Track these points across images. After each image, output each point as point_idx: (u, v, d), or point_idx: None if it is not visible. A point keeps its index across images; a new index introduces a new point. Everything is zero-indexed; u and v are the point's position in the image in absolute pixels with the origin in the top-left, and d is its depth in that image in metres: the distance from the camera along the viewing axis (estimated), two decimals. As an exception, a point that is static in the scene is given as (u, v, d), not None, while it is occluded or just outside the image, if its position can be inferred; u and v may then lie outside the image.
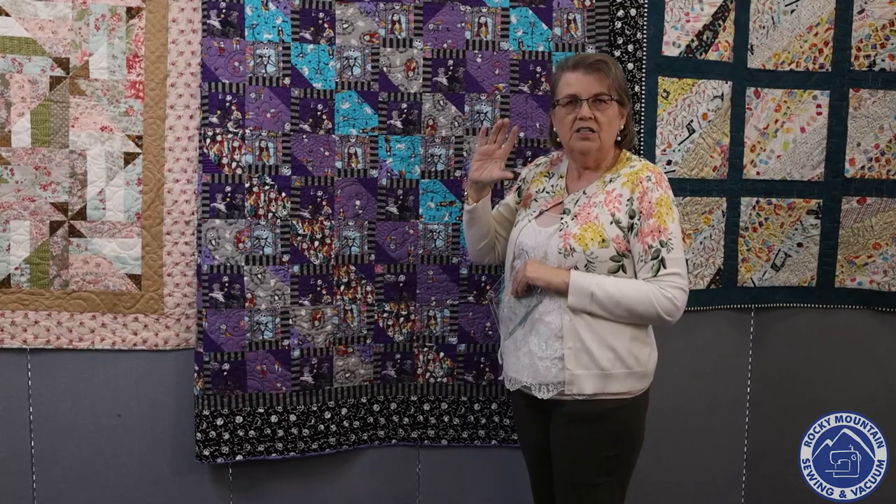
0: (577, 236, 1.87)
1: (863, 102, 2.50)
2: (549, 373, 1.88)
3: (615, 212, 1.88)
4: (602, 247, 1.86)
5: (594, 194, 1.93)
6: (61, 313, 2.29)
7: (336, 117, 2.33)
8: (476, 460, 2.52)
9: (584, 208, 1.91)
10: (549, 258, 1.90)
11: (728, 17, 2.43)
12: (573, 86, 1.90)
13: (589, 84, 1.89)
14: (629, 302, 1.82)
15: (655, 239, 1.85)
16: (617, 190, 1.90)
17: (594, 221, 1.88)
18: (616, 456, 1.89)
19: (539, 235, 1.95)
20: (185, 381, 2.35)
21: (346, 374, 2.41)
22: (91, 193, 2.27)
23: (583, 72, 1.90)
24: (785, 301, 2.59)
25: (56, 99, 2.23)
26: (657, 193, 1.86)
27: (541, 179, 2.10)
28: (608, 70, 1.90)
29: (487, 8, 2.36)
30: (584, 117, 1.88)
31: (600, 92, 1.89)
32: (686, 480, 2.62)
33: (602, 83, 1.89)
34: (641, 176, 1.88)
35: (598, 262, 1.86)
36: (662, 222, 1.85)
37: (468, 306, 2.43)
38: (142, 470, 2.37)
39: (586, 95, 1.89)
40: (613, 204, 1.89)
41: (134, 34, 2.25)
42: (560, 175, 2.06)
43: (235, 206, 2.29)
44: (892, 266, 2.55)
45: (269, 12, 2.27)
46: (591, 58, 1.93)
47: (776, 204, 2.53)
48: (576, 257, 1.86)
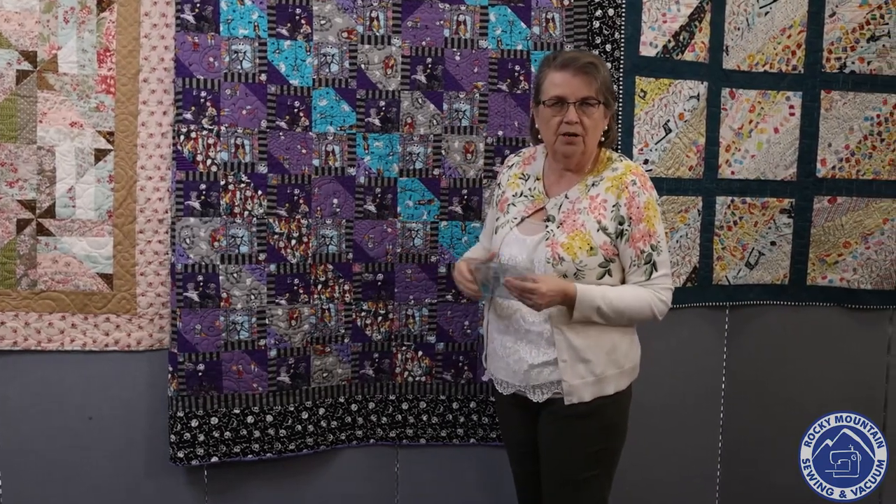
0: (564, 245, 1.88)
1: (834, 104, 2.59)
2: (542, 376, 1.92)
3: (601, 219, 1.88)
4: (591, 255, 1.88)
5: (577, 199, 1.93)
6: (29, 314, 2.26)
7: (313, 115, 2.34)
8: (454, 459, 2.55)
9: (569, 215, 1.91)
10: (537, 268, 1.90)
11: (704, 18, 2.49)
12: (560, 87, 1.87)
13: (577, 87, 1.86)
14: (631, 311, 1.88)
15: (647, 243, 1.88)
16: (601, 195, 1.90)
17: (581, 229, 1.88)
18: (604, 449, 1.95)
19: (524, 245, 1.94)
20: (158, 383, 2.33)
21: (324, 373, 2.42)
22: (60, 191, 2.24)
23: (571, 73, 1.87)
24: (758, 299, 2.67)
25: (23, 93, 2.19)
26: (644, 197, 1.89)
27: (516, 182, 2.06)
28: (597, 73, 1.88)
29: (466, 6, 2.38)
30: (571, 121, 1.86)
31: (588, 96, 1.86)
32: (661, 476, 2.69)
33: (590, 86, 1.87)
34: (626, 181, 1.89)
35: (586, 270, 1.88)
36: (651, 226, 1.89)
37: (446, 305, 2.46)
38: (114, 473, 2.35)
39: (574, 99, 1.86)
40: (599, 210, 1.89)
41: (105, 28, 2.22)
42: (536, 176, 2.03)
43: (210, 203, 2.28)
44: (861, 264, 2.65)
45: (244, 7, 2.26)
46: (581, 59, 1.89)
47: (750, 203, 2.60)
48: (565, 266, 1.87)
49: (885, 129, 2.60)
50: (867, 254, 2.64)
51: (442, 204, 2.43)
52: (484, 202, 2.43)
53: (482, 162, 2.42)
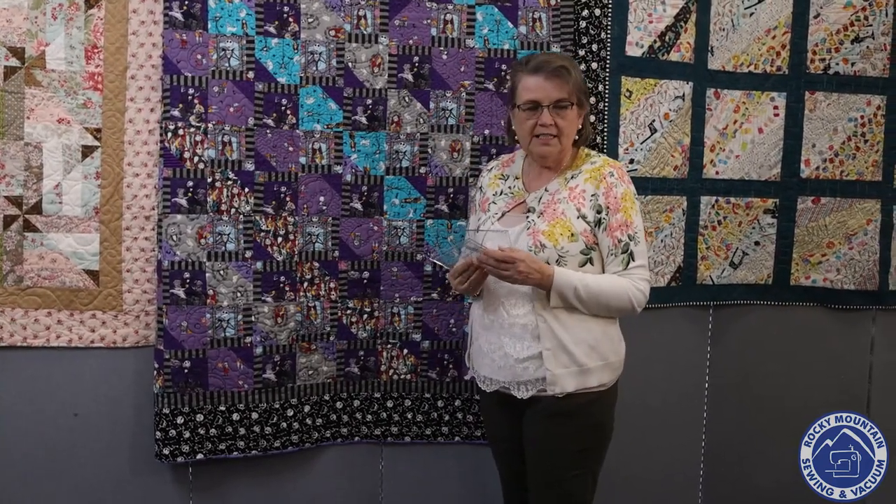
0: (546, 232, 1.98)
1: (818, 105, 2.68)
2: (527, 372, 2.00)
3: (580, 207, 1.99)
4: (572, 241, 1.98)
5: (557, 191, 2.04)
6: (15, 310, 2.32)
7: (300, 112, 2.41)
8: (439, 457, 2.62)
9: (550, 205, 2.02)
10: None
11: (690, 18, 2.58)
12: (533, 91, 1.99)
13: (549, 90, 1.97)
14: (608, 297, 1.97)
15: (624, 233, 1.98)
16: (580, 186, 2.01)
17: (561, 217, 1.99)
18: (590, 448, 2.02)
19: (505, 237, 2.01)
20: (144, 380, 2.40)
21: (310, 371, 2.50)
22: (47, 187, 2.31)
23: (543, 77, 1.98)
24: (742, 298, 2.76)
25: (10, 89, 2.26)
26: (621, 188, 2.00)
27: (496, 182, 2.18)
28: (569, 75, 1.98)
29: (453, 5, 2.46)
30: (546, 124, 1.98)
31: (561, 98, 1.98)
32: (645, 475, 2.77)
33: (562, 89, 1.98)
34: (604, 171, 2.01)
35: (568, 257, 1.97)
36: (629, 216, 1.99)
37: (432, 303, 2.54)
38: (100, 470, 2.41)
39: (547, 102, 1.97)
40: (578, 199, 2.00)
41: (93, 24, 2.29)
42: (515, 176, 2.15)
43: (197, 201, 2.35)
44: (844, 264, 2.74)
45: (232, 5, 2.33)
46: (552, 63, 1.99)
47: (734, 203, 2.69)
48: (546, 253, 1.97)
49: (868, 130, 2.70)
50: (850, 254, 2.74)
51: (428, 202, 2.50)
52: (470, 201, 2.51)
53: (468, 160, 2.51)
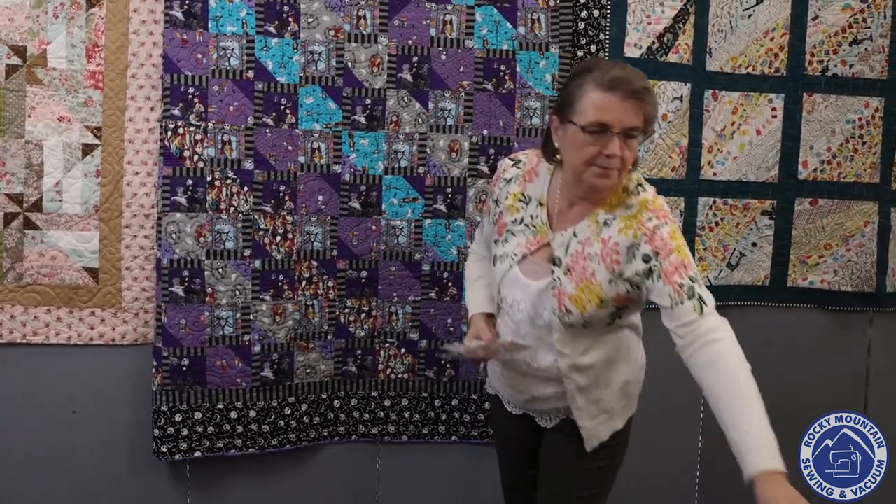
0: (573, 297, 1.78)
1: (816, 106, 2.72)
2: (548, 404, 1.93)
3: (614, 267, 1.75)
4: (600, 308, 1.78)
5: (587, 240, 1.78)
6: (15, 307, 2.37)
7: (300, 112, 2.46)
8: (436, 456, 2.66)
9: (578, 260, 1.78)
10: (544, 317, 1.83)
11: (688, 20, 2.62)
12: (606, 112, 1.67)
13: (626, 114, 1.67)
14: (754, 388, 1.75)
15: (684, 275, 1.69)
16: (613, 238, 1.75)
17: (591, 280, 1.77)
18: (608, 466, 1.97)
19: (528, 291, 1.84)
20: (142, 377, 2.44)
21: (307, 369, 2.54)
22: (48, 185, 2.36)
23: (620, 97, 1.66)
24: (739, 300, 2.80)
25: (12, 88, 2.31)
26: (666, 227, 1.72)
27: (516, 206, 1.89)
28: (650, 98, 1.70)
29: (453, 6, 2.50)
30: (613, 154, 1.68)
31: (635, 126, 1.68)
32: (641, 477, 2.80)
33: (639, 115, 1.68)
34: (642, 219, 1.74)
35: (595, 321, 1.80)
36: (683, 255, 1.71)
37: (430, 303, 2.58)
38: (97, 467, 2.46)
39: (619, 128, 1.67)
40: (611, 257, 1.75)
41: (94, 23, 2.34)
42: (539, 200, 1.86)
43: (197, 199, 2.39)
44: (842, 266, 2.78)
45: (232, 4, 2.38)
46: (635, 82, 1.68)
47: (732, 204, 2.73)
48: (572, 319, 1.79)
49: (866, 131, 2.74)
50: (848, 256, 2.78)
51: (426, 202, 2.55)
52: (468, 201, 2.56)
53: (467, 161, 2.55)
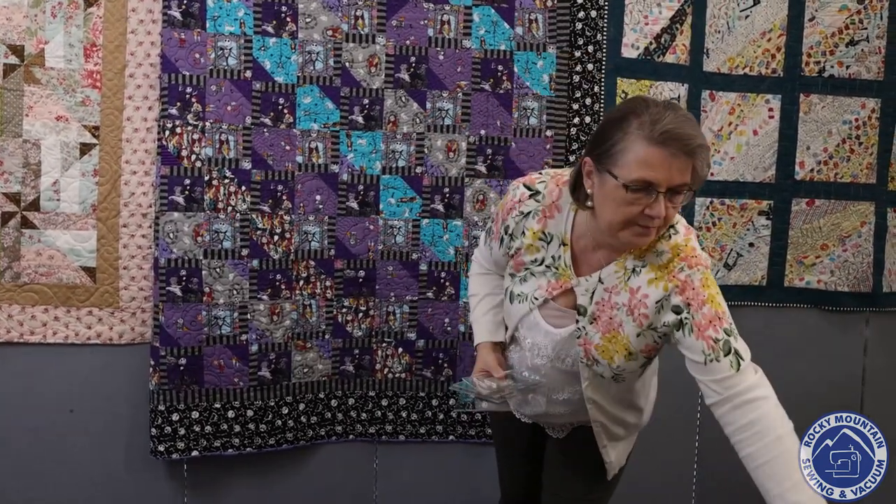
0: (600, 348, 1.70)
1: (813, 107, 2.74)
2: (565, 420, 1.93)
3: (643, 320, 1.65)
4: (629, 360, 1.70)
5: (614, 288, 1.68)
6: (12, 306, 2.38)
7: (297, 112, 2.47)
8: (433, 455, 2.68)
9: (604, 309, 1.69)
10: (567, 362, 1.78)
11: (685, 21, 2.64)
12: (653, 170, 1.49)
13: (676, 172, 1.49)
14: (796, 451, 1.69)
15: (719, 329, 1.60)
16: (643, 289, 1.64)
17: (618, 331, 1.68)
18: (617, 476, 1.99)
19: (550, 337, 1.76)
20: (139, 376, 2.46)
21: (305, 369, 2.55)
22: (45, 184, 2.37)
23: (671, 153, 1.48)
24: (736, 300, 2.80)
25: (10, 87, 2.32)
26: (698, 276, 1.61)
27: (536, 245, 1.75)
28: (704, 154, 1.51)
29: (450, 6, 2.52)
30: (657, 216, 1.52)
31: (684, 183, 1.51)
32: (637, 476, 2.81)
33: (689, 171, 1.50)
34: (673, 270, 1.62)
35: (626, 373, 1.75)
36: (717, 306, 1.60)
37: (427, 302, 2.60)
38: (95, 466, 2.47)
39: (666, 186, 1.50)
40: (639, 310, 1.64)
41: (92, 23, 2.35)
42: (561, 241, 1.72)
43: (194, 199, 2.41)
44: (838, 266, 2.80)
45: (230, 4, 2.39)
46: (690, 140, 1.48)
47: (729, 204, 2.75)
48: (600, 368, 1.73)
49: (862, 132, 2.76)
50: (844, 256, 2.80)
51: (424, 202, 2.57)
52: (465, 201, 2.57)
53: (464, 161, 2.56)
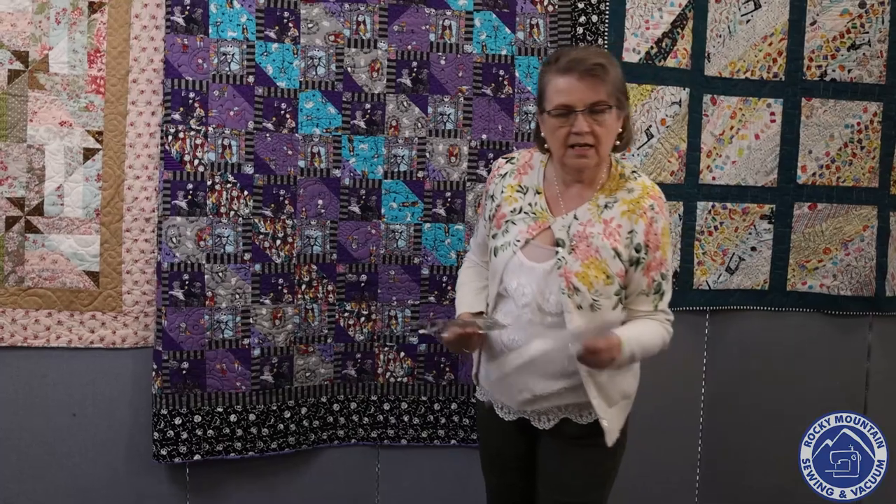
0: (580, 275, 1.81)
1: (814, 111, 2.76)
2: (550, 403, 1.92)
3: (616, 245, 1.82)
4: (608, 284, 1.83)
5: (588, 221, 1.85)
6: (16, 310, 2.41)
7: (300, 116, 2.50)
8: (435, 460, 2.69)
9: (581, 239, 1.84)
10: (550, 300, 1.85)
11: (686, 25, 2.66)
12: (565, 94, 1.76)
13: (584, 92, 1.75)
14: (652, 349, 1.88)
15: (658, 272, 1.85)
16: (616, 220, 1.83)
17: (596, 256, 1.82)
18: (611, 468, 2.01)
19: (533, 273, 1.86)
20: (142, 380, 2.48)
21: (307, 373, 2.57)
22: (49, 189, 2.40)
23: (577, 77, 1.75)
24: (739, 304, 2.83)
25: (14, 92, 2.35)
26: (661, 223, 1.84)
27: (514, 196, 1.95)
28: (605, 73, 1.76)
29: (452, 11, 2.55)
30: (581, 132, 1.76)
31: (597, 101, 1.76)
32: (640, 481, 2.83)
33: (598, 90, 1.75)
34: (644, 205, 1.83)
35: (602, 300, 1.83)
36: (665, 254, 1.85)
37: (429, 306, 2.61)
38: (97, 470, 2.49)
39: (582, 106, 1.75)
40: (614, 237, 1.83)
41: (96, 29, 2.38)
42: (536, 189, 1.94)
43: (197, 203, 2.43)
44: (841, 270, 2.81)
45: (233, 10, 2.42)
46: (587, 60, 1.76)
47: (731, 208, 2.77)
48: (580, 297, 1.82)
49: (864, 136, 2.78)
50: (847, 260, 2.81)
51: (426, 206, 2.59)
52: (467, 205, 2.59)
53: (466, 165, 2.59)
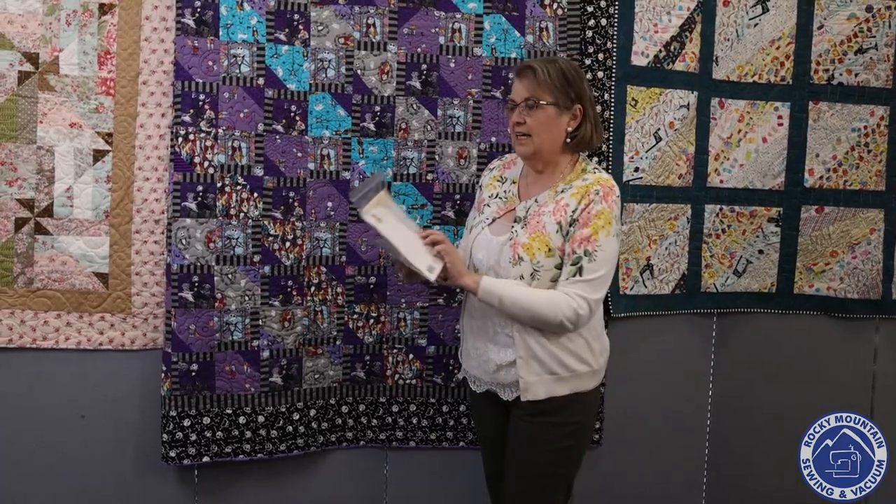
0: (525, 245, 2.06)
1: (821, 115, 2.78)
2: (509, 375, 2.12)
3: (561, 220, 2.04)
4: (549, 256, 2.04)
5: (545, 203, 2.10)
6: (25, 311, 2.41)
7: (309, 119, 2.51)
8: (443, 462, 2.70)
9: (534, 216, 2.09)
10: (502, 267, 2.09)
11: (695, 29, 2.68)
12: (512, 92, 2.15)
13: (520, 90, 2.11)
14: (536, 307, 2.01)
15: (582, 247, 2.01)
16: (565, 200, 2.07)
17: (542, 230, 2.05)
18: (567, 448, 2.13)
19: (491, 244, 2.13)
20: (151, 382, 2.48)
21: (316, 375, 2.58)
22: (58, 190, 2.40)
23: (517, 78, 2.13)
24: (746, 306, 2.85)
25: (24, 94, 2.36)
26: (599, 206, 2.03)
27: (494, 184, 2.27)
28: (534, 75, 2.08)
29: (461, 14, 2.56)
30: (516, 122, 2.11)
31: (528, 96, 2.08)
32: (648, 481, 2.85)
33: (529, 88, 2.09)
34: (591, 189, 2.05)
35: (543, 271, 2.04)
36: (595, 233, 2.01)
37: (438, 308, 2.62)
38: (105, 471, 2.50)
39: (519, 100, 2.10)
40: (560, 213, 2.05)
41: (106, 31, 2.39)
42: (513, 180, 2.24)
43: (207, 205, 2.44)
44: (848, 273, 2.83)
45: (243, 12, 2.43)
46: (523, 64, 2.15)
47: (738, 212, 2.79)
48: (523, 267, 2.05)
49: (871, 140, 2.80)
50: (854, 263, 2.83)
51: (435, 208, 2.60)
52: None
53: (475, 167, 2.60)
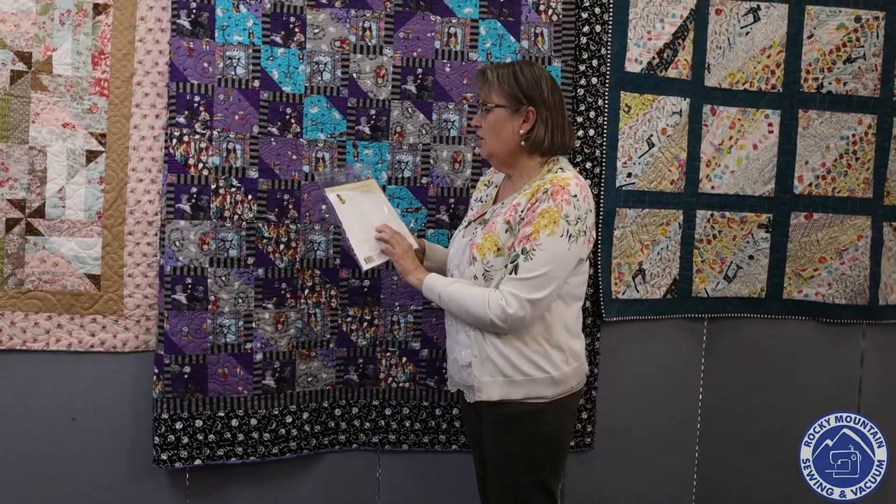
0: (478, 246, 2.06)
1: (811, 123, 2.83)
2: (471, 378, 2.10)
3: (510, 219, 2.03)
4: (497, 255, 2.03)
5: (507, 205, 2.10)
6: (15, 313, 2.40)
7: (304, 121, 2.52)
8: (436, 465, 2.72)
9: (492, 218, 2.10)
10: (463, 267, 2.10)
11: (688, 36, 2.72)
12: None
13: (478, 93, 2.18)
14: (467, 304, 2.02)
15: (521, 245, 1.98)
16: (518, 199, 2.06)
17: (492, 230, 2.05)
18: (538, 457, 2.09)
19: (459, 245, 2.17)
20: (143, 384, 2.48)
21: (309, 378, 2.59)
22: (51, 191, 2.39)
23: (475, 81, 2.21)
24: (736, 311, 2.89)
25: (16, 93, 2.35)
26: (545, 205, 1.97)
27: (480, 188, 2.33)
28: (484, 80, 2.13)
29: (457, 19, 2.58)
30: (474, 125, 2.19)
31: (482, 101, 2.15)
32: (638, 487, 2.89)
33: (482, 91, 2.15)
34: (541, 188, 2.01)
35: (493, 271, 2.03)
36: (536, 232, 1.96)
37: (431, 312, 2.64)
38: (97, 474, 2.49)
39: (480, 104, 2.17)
40: (511, 213, 2.04)
41: (100, 31, 2.39)
42: (496, 185, 2.27)
43: (201, 207, 2.44)
44: (836, 279, 2.89)
45: (239, 14, 2.44)
46: (479, 68, 2.22)
47: (729, 217, 2.83)
48: (476, 267, 2.05)
49: (859, 148, 2.85)
50: (841, 269, 2.88)
51: (429, 212, 2.62)
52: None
53: (469, 172, 2.62)
